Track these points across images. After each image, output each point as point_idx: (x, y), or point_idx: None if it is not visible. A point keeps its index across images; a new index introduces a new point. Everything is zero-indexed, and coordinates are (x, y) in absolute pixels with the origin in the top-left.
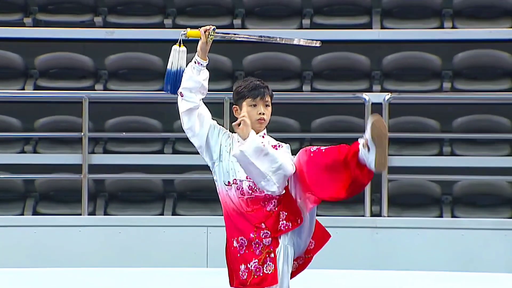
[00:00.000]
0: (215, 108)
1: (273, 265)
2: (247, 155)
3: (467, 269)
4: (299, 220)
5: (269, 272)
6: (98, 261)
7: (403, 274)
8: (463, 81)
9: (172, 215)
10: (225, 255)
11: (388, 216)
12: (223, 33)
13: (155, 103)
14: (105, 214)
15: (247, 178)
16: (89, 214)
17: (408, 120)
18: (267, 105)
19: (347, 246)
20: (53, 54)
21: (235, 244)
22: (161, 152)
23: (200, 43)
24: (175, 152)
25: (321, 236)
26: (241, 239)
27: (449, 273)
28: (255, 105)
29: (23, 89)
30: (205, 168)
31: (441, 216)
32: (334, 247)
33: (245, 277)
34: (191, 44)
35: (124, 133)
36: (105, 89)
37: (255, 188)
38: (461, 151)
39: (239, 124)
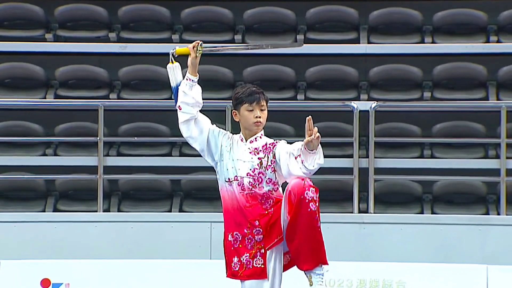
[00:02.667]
0: (217, 115)
1: (262, 260)
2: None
3: (445, 261)
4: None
5: (258, 266)
6: (112, 254)
7: (388, 265)
8: (442, 91)
9: (179, 211)
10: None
11: (374, 213)
12: (210, 47)
13: (164, 111)
14: (119, 211)
15: (247, 175)
16: (104, 211)
17: (392, 126)
18: (262, 109)
19: (337, 239)
20: (72, 66)
21: (229, 238)
22: (169, 154)
23: (189, 58)
24: (182, 155)
25: None
26: (236, 234)
27: (429, 264)
28: (251, 110)
29: (45, 98)
30: (209, 169)
31: (422, 213)
32: (325, 240)
33: (237, 268)
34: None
35: (135, 138)
36: (119, 98)
37: (255, 183)
38: (440, 154)
39: (317, 137)
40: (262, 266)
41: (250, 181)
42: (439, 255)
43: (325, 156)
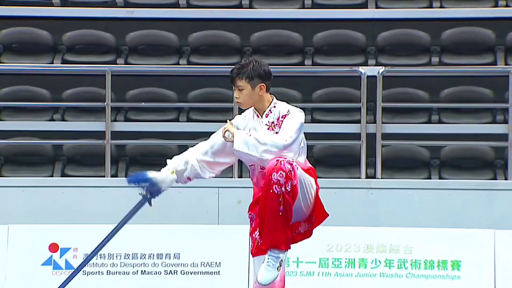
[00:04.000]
0: (225, 82)
1: None
2: (241, 150)
3: (453, 226)
4: None
5: None
6: (120, 219)
7: (395, 230)
8: (450, 55)
9: None
10: None
11: (381, 178)
12: None
13: (171, 76)
14: (126, 176)
15: None
16: (111, 176)
17: (400, 91)
18: (240, 89)
19: (344, 205)
20: (79, 31)
21: (249, 220)
22: (176, 120)
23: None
24: (189, 120)
25: (320, 214)
26: (251, 214)
27: (436, 229)
28: (234, 90)
29: (52, 63)
30: None
31: (429, 178)
32: (333, 206)
33: (252, 247)
34: None
35: (143, 103)
36: (126, 63)
37: None
38: (447, 119)
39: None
40: None
41: None
42: (446, 220)
43: (333, 122)
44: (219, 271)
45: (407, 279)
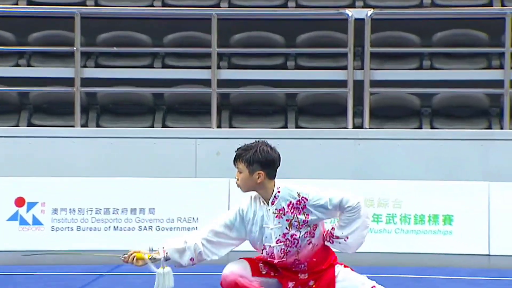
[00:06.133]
0: (203, 25)
1: None
2: (357, 246)
3: (445, 178)
4: None
5: None
6: (91, 171)
7: (384, 183)
8: None
9: (162, 127)
10: None
11: (369, 128)
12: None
13: (146, 19)
14: (97, 126)
15: (278, 242)
16: (81, 126)
17: (389, 35)
18: (240, 172)
19: (330, 157)
20: None
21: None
22: (151, 66)
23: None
24: (164, 66)
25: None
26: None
27: (427, 182)
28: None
29: (17, 4)
30: (194, 82)
31: (420, 128)
32: (318, 157)
33: (264, 272)
34: None
35: (115, 48)
36: (96, 4)
37: (288, 249)
38: (440, 64)
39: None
40: None
41: (281, 248)
42: (438, 172)
43: (317, 68)
44: (196, 227)
45: (396, 234)
